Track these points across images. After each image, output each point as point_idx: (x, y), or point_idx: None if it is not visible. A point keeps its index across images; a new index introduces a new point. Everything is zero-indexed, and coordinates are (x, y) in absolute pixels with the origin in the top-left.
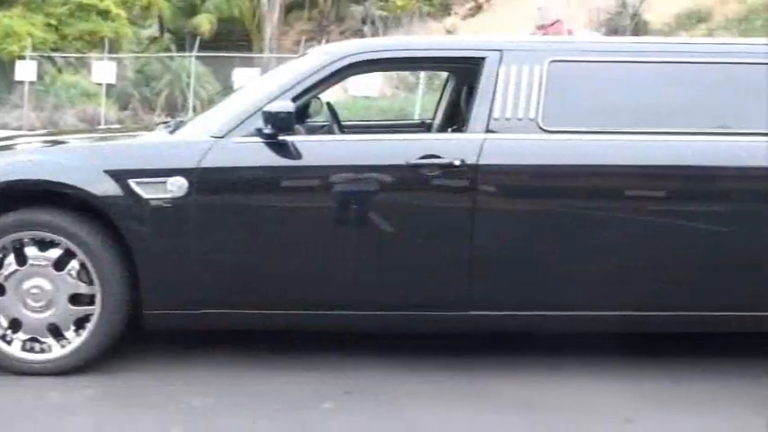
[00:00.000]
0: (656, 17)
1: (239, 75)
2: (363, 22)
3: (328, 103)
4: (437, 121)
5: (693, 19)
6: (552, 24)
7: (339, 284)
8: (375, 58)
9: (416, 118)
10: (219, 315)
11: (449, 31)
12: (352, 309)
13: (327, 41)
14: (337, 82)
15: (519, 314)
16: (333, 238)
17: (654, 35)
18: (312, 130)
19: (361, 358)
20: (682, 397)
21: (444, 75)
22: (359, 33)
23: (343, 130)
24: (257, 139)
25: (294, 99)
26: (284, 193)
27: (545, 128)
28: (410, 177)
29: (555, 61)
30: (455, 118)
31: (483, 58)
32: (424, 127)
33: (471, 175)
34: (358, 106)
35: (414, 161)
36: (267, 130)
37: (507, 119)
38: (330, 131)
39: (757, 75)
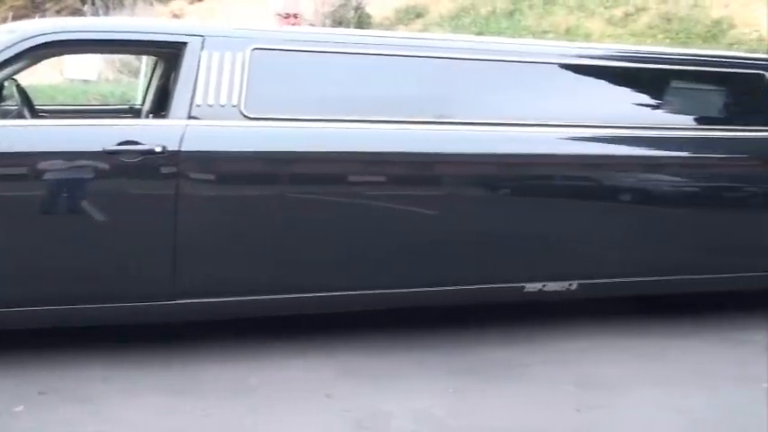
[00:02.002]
0: (378, 11)
1: None
2: (83, 1)
3: (18, 86)
4: (146, 107)
5: (411, 14)
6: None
7: (34, 279)
8: (67, 39)
9: (138, 103)
10: None
11: (176, 16)
12: (52, 303)
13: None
14: (27, 64)
15: (226, 300)
16: (25, 231)
17: (375, 28)
18: (4, 115)
19: (58, 356)
20: (376, 369)
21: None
22: (78, 13)
23: (38, 115)
24: None
25: None
26: None
27: (247, 115)
28: (109, 165)
29: (258, 49)
30: (163, 103)
31: (185, 44)
32: (133, 112)
33: (173, 162)
34: (75, 90)
35: (111, 147)
36: None
37: (210, 105)
38: (20, 116)
39: (462, 69)
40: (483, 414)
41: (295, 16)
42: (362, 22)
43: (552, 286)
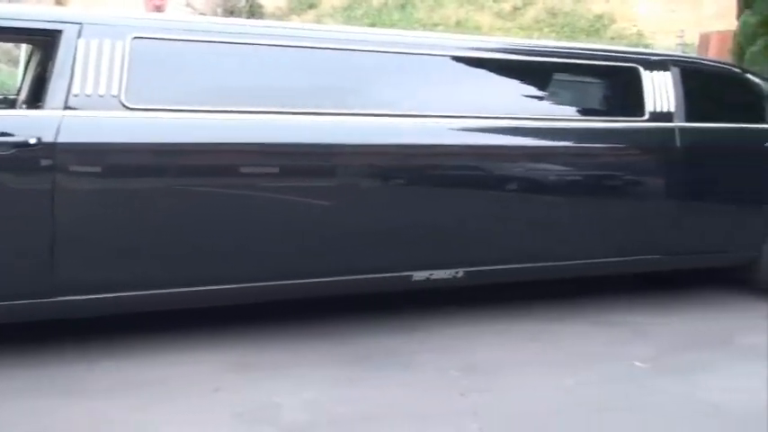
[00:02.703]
0: (270, 1)
1: None
2: None
3: None
4: (21, 97)
5: (304, 5)
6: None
7: None
8: None
9: (13, 93)
10: None
11: (59, 2)
12: None
13: None
14: None
15: (108, 297)
16: None
17: (267, 18)
18: None
19: None
20: (266, 361)
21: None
22: None
23: None
24: None
25: None
26: None
27: (128, 105)
28: None
29: (138, 38)
30: (39, 94)
31: (60, 31)
32: (7, 103)
33: (49, 155)
34: None
35: None
36: None
37: (88, 95)
38: None
39: (353, 60)
40: (372, 401)
41: None
42: (254, 12)
43: (439, 274)
